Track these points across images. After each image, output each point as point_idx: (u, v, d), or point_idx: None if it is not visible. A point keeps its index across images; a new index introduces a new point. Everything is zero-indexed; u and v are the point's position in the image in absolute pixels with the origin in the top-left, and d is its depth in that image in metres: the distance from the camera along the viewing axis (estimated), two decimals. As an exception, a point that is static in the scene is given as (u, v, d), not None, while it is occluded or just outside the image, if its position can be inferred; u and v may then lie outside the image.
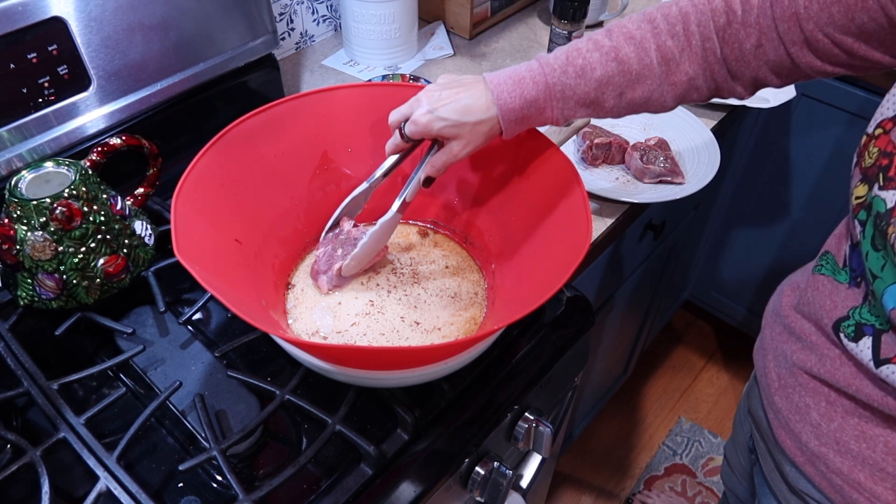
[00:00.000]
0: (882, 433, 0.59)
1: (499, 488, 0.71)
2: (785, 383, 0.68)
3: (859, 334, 0.56)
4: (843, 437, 0.62)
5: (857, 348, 0.56)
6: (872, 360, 0.55)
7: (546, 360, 0.74)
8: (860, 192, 0.55)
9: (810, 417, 0.65)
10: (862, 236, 0.55)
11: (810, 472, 0.66)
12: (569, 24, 1.04)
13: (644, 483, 1.61)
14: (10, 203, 0.66)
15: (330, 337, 0.68)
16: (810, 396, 0.64)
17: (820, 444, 0.64)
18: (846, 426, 0.61)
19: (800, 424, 0.66)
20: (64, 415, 0.62)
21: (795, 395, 0.66)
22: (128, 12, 0.77)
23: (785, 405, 0.68)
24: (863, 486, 0.61)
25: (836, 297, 0.60)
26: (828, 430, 0.63)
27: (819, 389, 0.63)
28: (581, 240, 0.60)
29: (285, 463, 0.60)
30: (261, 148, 0.70)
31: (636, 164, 0.94)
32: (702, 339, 1.91)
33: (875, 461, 0.60)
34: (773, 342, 0.71)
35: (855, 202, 0.55)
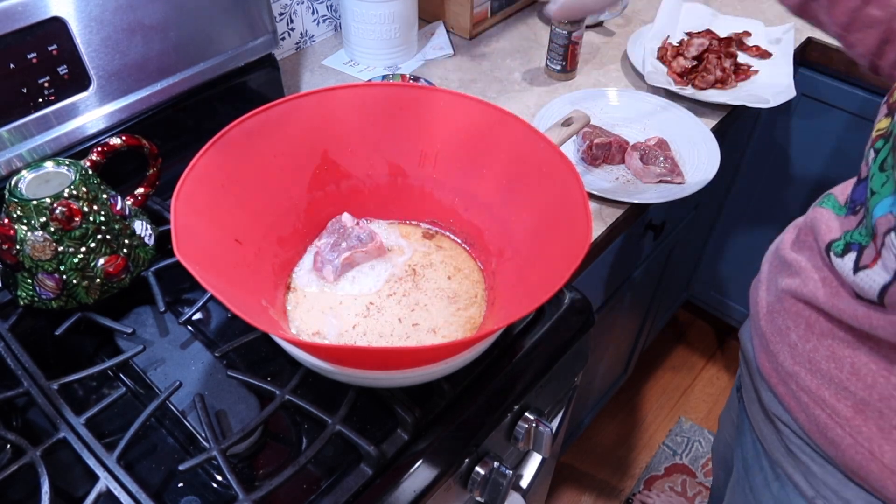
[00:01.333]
0: (850, 354, 0.62)
1: (499, 488, 0.71)
2: (772, 309, 0.72)
3: (846, 251, 0.60)
4: (816, 356, 0.65)
5: (841, 262, 0.60)
6: (853, 269, 0.58)
7: (546, 360, 0.74)
8: (883, 124, 0.59)
9: (789, 339, 0.69)
10: (873, 162, 0.58)
11: (782, 392, 0.71)
12: (569, 24, 1.04)
13: (644, 483, 1.61)
14: (10, 203, 0.66)
15: (330, 337, 0.68)
16: (791, 319, 0.68)
17: (794, 363, 0.68)
18: (820, 347, 0.65)
19: (779, 345, 0.70)
20: (64, 415, 0.62)
21: (779, 318, 0.70)
22: (128, 12, 0.77)
23: (769, 328, 0.72)
24: (826, 403, 0.65)
25: (832, 224, 0.64)
26: (803, 351, 0.67)
27: (801, 312, 0.67)
28: (581, 240, 0.60)
29: (285, 463, 0.60)
30: (261, 148, 0.70)
31: (636, 164, 0.94)
32: (702, 339, 1.91)
33: (840, 380, 0.63)
34: (768, 276, 0.75)
35: (875, 134, 0.59)
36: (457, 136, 0.74)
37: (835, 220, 0.64)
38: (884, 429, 0.60)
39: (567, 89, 1.11)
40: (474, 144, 0.74)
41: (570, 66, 1.10)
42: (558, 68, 1.11)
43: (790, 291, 0.68)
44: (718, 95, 1.08)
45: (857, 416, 0.62)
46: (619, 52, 1.20)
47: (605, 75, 1.15)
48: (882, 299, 0.55)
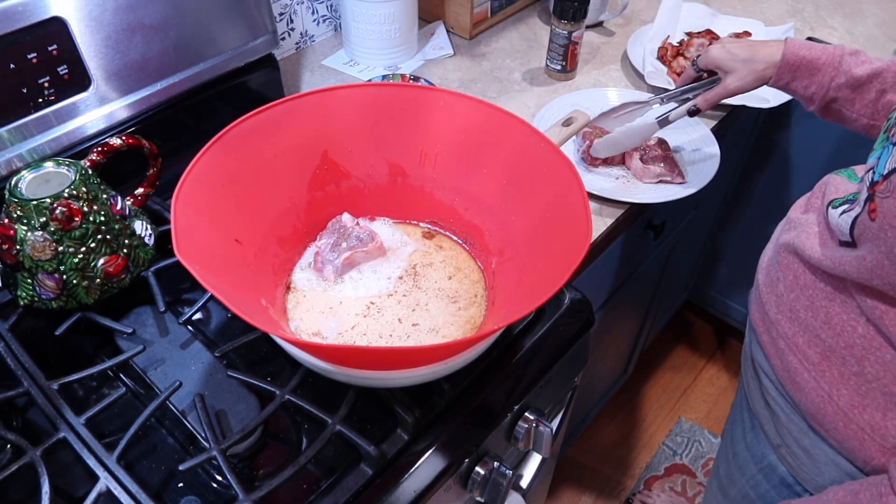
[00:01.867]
0: (825, 305, 0.66)
1: (499, 488, 0.71)
2: (770, 264, 0.77)
3: (843, 205, 0.64)
4: (797, 305, 0.70)
5: (834, 213, 0.65)
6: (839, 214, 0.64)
7: (546, 360, 0.74)
8: None
9: (777, 289, 0.73)
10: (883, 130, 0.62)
11: (765, 341, 0.75)
12: (569, 24, 1.04)
13: (644, 483, 1.61)
14: (10, 203, 0.66)
15: (330, 337, 0.68)
16: (782, 271, 0.73)
17: (777, 311, 0.73)
18: (801, 297, 0.70)
19: (768, 295, 0.75)
20: (64, 415, 0.62)
21: (773, 271, 0.75)
22: (128, 12, 0.77)
23: (763, 281, 0.77)
24: (798, 348, 0.69)
25: (841, 186, 0.70)
26: (787, 300, 0.71)
27: (791, 265, 0.72)
28: (581, 240, 0.60)
29: (285, 463, 0.60)
30: (261, 148, 0.70)
31: (636, 164, 0.94)
32: (702, 339, 1.91)
33: (814, 327, 0.68)
34: (776, 239, 0.80)
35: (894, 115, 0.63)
36: (457, 136, 0.74)
37: (844, 184, 0.69)
38: (844, 374, 0.65)
39: (567, 89, 1.11)
40: (474, 144, 0.74)
41: (570, 66, 1.10)
42: (558, 68, 1.11)
43: (787, 244, 0.73)
44: (718, 95, 1.08)
45: (823, 361, 0.67)
46: (619, 52, 1.20)
47: (605, 75, 1.15)
48: (852, 233, 0.60)
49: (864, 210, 0.58)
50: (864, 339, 0.63)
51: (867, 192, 0.58)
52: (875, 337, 0.62)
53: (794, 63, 0.75)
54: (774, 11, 1.29)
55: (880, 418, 0.63)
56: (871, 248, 0.58)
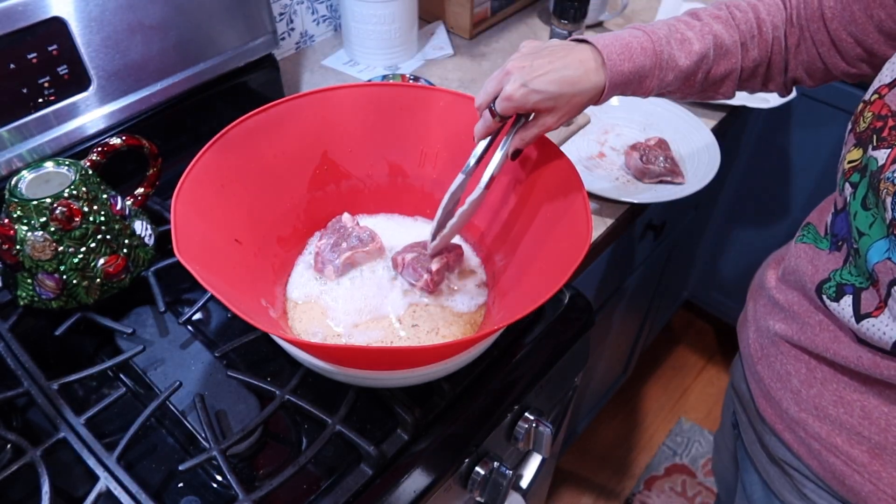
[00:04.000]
0: (859, 398, 0.60)
1: (499, 488, 0.71)
2: (767, 353, 0.70)
3: (840, 294, 0.58)
4: (822, 402, 0.63)
5: (838, 307, 0.58)
6: (853, 316, 0.56)
7: (546, 360, 0.74)
8: (854, 156, 0.57)
9: (791, 384, 0.66)
10: (852, 198, 0.56)
11: (789, 440, 0.68)
12: (569, 24, 1.04)
13: (644, 483, 1.61)
14: (11, 203, 0.66)
15: (330, 337, 0.68)
16: (791, 364, 0.66)
17: (799, 409, 0.65)
18: (825, 392, 0.62)
19: (781, 392, 0.68)
20: (64, 415, 0.62)
21: (777, 363, 0.68)
22: (128, 12, 0.77)
23: (767, 374, 0.69)
24: (839, 450, 0.62)
25: (817, 262, 0.62)
26: (807, 397, 0.64)
27: (800, 357, 0.65)
28: (581, 240, 0.60)
29: (285, 463, 0.60)
30: (261, 148, 0.70)
31: (636, 164, 0.94)
32: (702, 339, 1.91)
33: (852, 425, 0.61)
34: (755, 315, 0.73)
35: (847, 166, 0.57)
36: (457, 136, 0.74)
37: (818, 256, 0.62)
38: None
39: (567, 89, 1.10)
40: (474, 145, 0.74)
41: (570, 66, 1.10)
42: (558, 68, 1.10)
43: (786, 337, 0.66)
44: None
45: (874, 461, 0.60)
46: (619, 52, 1.20)
47: (605, 75, 1.15)
48: None
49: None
50: None
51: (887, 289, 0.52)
52: None
53: (621, 83, 0.62)
54: (774, 11, 1.29)
55: None
56: None
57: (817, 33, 0.64)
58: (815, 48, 0.64)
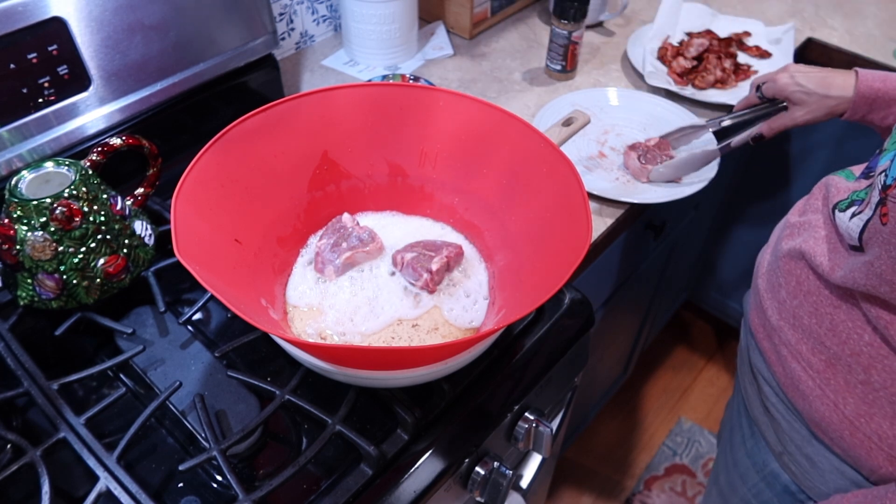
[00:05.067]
0: (831, 312, 0.65)
1: (499, 488, 0.71)
2: (770, 269, 0.76)
3: (849, 207, 0.63)
4: (800, 312, 0.69)
5: (842, 216, 0.63)
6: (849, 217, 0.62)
7: (546, 360, 0.74)
8: None
9: (779, 295, 0.72)
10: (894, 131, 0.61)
11: (766, 347, 0.74)
12: (569, 24, 1.04)
13: (644, 483, 1.61)
14: (11, 203, 0.66)
15: (329, 337, 0.68)
16: (784, 276, 0.72)
17: (780, 318, 0.71)
18: (805, 303, 0.68)
19: (769, 301, 0.74)
20: (64, 415, 0.62)
21: (773, 276, 0.74)
22: (128, 12, 0.77)
23: (764, 286, 0.76)
24: (802, 356, 0.68)
25: (842, 186, 0.68)
26: (790, 307, 0.70)
27: (793, 270, 0.70)
28: (581, 240, 0.60)
29: (285, 463, 0.60)
30: (261, 148, 0.70)
31: (634, 164, 0.94)
32: (702, 339, 1.91)
33: (819, 335, 0.67)
34: (775, 243, 0.78)
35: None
36: (457, 136, 0.74)
37: (846, 184, 0.68)
38: (850, 382, 0.64)
39: (567, 89, 1.11)
40: (474, 144, 0.74)
41: (570, 66, 1.10)
42: (558, 68, 1.10)
43: (792, 250, 0.71)
44: (718, 95, 1.08)
45: (827, 369, 0.66)
46: (619, 52, 1.20)
47: (605, 75, 1.15)
48: (861, 238, 0.59)
49: (876, 214, 0.56)
50: (871, 347, 0.62)
51: (879, 195, 0.56)
52: (882, 346, 0.61)
53: (870, 97, 0.73)
54: (774, 11, 1.29)
55: (888, 427, 0.62)
56: (880, 254, 0.56)
57: None
58: None
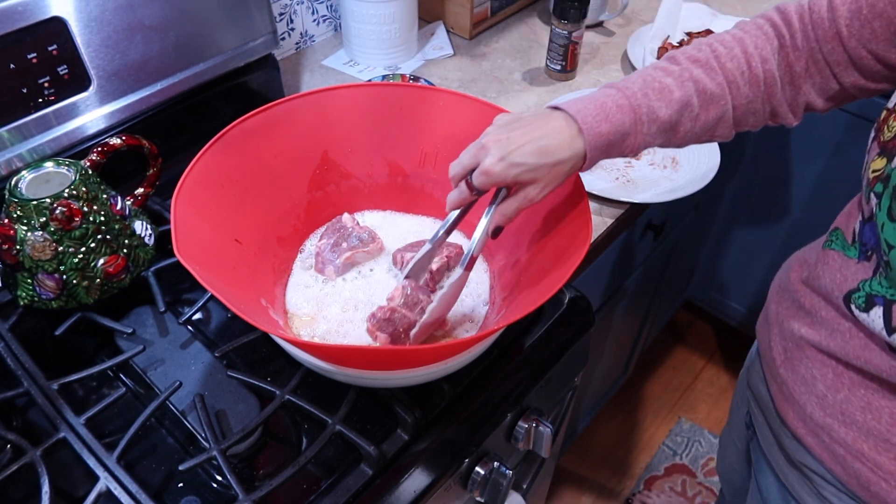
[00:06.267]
0: (888, 404, 0.59)
1: (499, 488, 0.71)
2: (791, 356, 0.68)
3: (870, 305, 0.56)
4: (849, 408, 0.62)
5: (868, 318, 0.56)
6: (884, 328, 0.55)
7: (546, 360, 0.74)
8: (878, 165, 0.55)
9: (816, 389, 0.65)
10: (878, 209, 0.54)
11: (811, 444, 0.67)
12: (569, 24, 1.04)
13: (644, 483, 1.61)
14: (10, 203, 0.66)
15: (329, 337, 0.68)
16: (817, 368, 0.65)
17: (825, 414, 0.64)
18: (852, 397, 0.61)
19: (805, 396, 0.66)
20: (64, 415, 0.62)
21: (802, 367, 0.67)
22: (128, 12, 0.77)
23: (790, 377, 0.68)
24: (866, 456, 0.62)
25: (846, 270, 0.60)
26: (833, 402, 0.63)
27: (826, 362, 0.63)
28: (581, 240, 0.60)
29: (285, 463, 0.60)
30: (261, 148, 0.70)
31: (386, 340, 0.84)
32: (702, 339, 1.91)
33: (880, 432, 0.60)
34: (778, 317, 0.72)
35: (871, 175, 0.56)
36: (457, 136, 0.74)
37: (847, 265, 0.60)
38: None
39: (567, 89, 1.11)
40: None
41: (570, 66, 1.10)
42: (558, 68, 1.10)
43: (812, 342, 0.65)
44: (718, 95, 1.08)
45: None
46: (619, 52, 1.20)
47: (605, 75, 1.15)
48: None
49: None
50: None
51: None
52: None
53: (602, 146, 0.59)
54: (774, 11, 1.29)
55: None
56: None
57: (832, 53, 0.60)
58: (829, 69, 0.61)
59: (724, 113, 0.62)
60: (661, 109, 0.60)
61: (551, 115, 0.59)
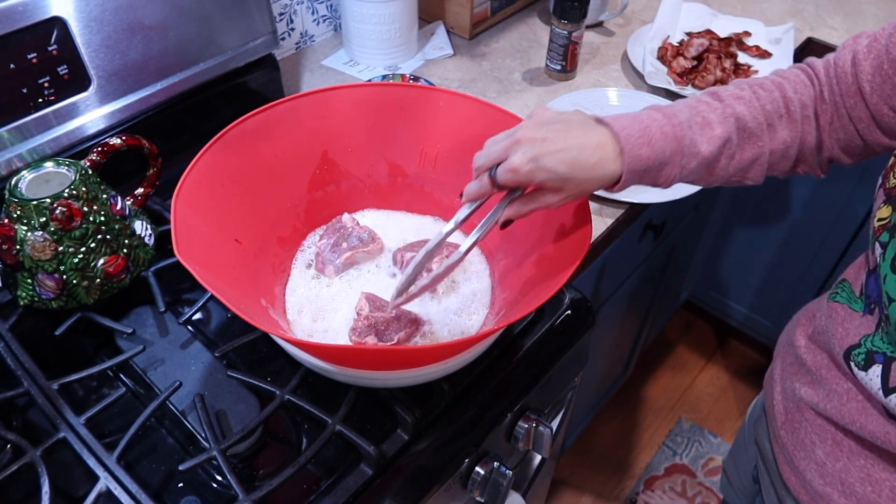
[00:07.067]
0: (888, 477, 0.57)
1: (499, 488, 0.71)
2: (791, 417, 0.67)
3: (869, 362, 0.54)
4: (849, 478, 0.60)
5: (866, 377, 0.55)
6: (881, 388, 0.53)
7: (546, 360, 0.74)
8: (883, 213, 0.54)
9: (815, 455, 0.63)
10: (882, 259, 0.53)
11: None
12: (569, 24, 1.04)
13: (644, 483, 1.61)
14: (11, 203, 0.66)
15: (329, 337, 0.68)
16: (816, 434, 0.63)
17: (824, 483, 0.63)
18: (851, 467, 0.60)
19: (804, 462, 0.65)
20: (64, 415, 0.62)
21: (801, 430, 0.65)
22: (128, 12, 0.77)
23: (790, 440, 0.67)
24: None
25: (849, 324, 0.58)
26: (833, 470, 0.62)
27: (825, 427, 0.62)
28: (581, 240, 0.60)
29: (285, 463, 0.60)
30: (261, 148, 0.70)
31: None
32: (702, 339, 1.91)
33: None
34: (783, 374, 0.70)
35: (877, 224, 0.54)
36: (457, 136, 0.74)
37: (851, 318, 0.59)
38: None
39: (567, 89, 1.11)
40: (474, 144, 0.73)
41: (570, 66, 1.10)
42: (558, 68, 1.10)
43: (811, 404, 0.63)
44: (718, 95, 1.08)
45: None
46: (619, 52, 1.20)
47: (605, 75, 1.15)
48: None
49: None
50: None
51: None
52: None
53: (639, 170, 0.57)
54: (774, 11, 1.29)
55: None
56: None
57: (854, 109, 0.58)
58: (852, 125, 0.59)
59: (760, 154, 0.60)
60: (702, 145, 0.57)
61: (594, 127, 0.56)
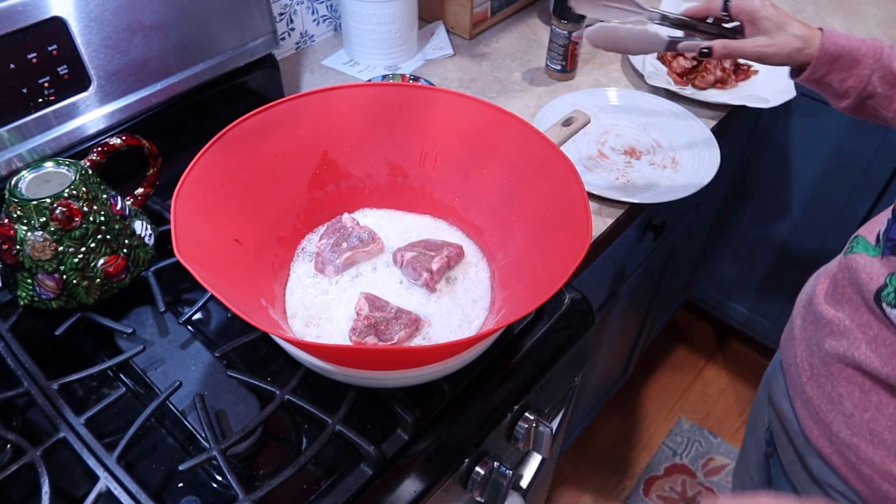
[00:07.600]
0: None
1: (499, 488, 0.71)
2: (817, 373, 0.68)
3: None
4: (877, 427, 0.61)
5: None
6: None
7: (546, 360, 0.74)
8: None
9: (843, 407, 0.64)
10: None
11: (836, 463, 0.66)
12: (569, 24, 1.04)
13: (644, 483, 1.61)
14: (10, 203, 0.66)
15: (329, 337, 0.68)
16: (843, 386, 0.64)
17: (851, 433, 0.64)
18: (880, 416, 0.61)
19: (831, 414, 0.66)
20: (64, 415, 0.62)
21: (828, 384, 0.66)
22: (128, 12, 0.77)
23: (816, 395, 0.68)
24: (893, 476, 0.61)
25: (871, 269, 0.61)
26: (860, 421, 0.62)
27: (853, 378, 0.63)
28: (581, 240, 0.60)
29: (285, 463, 0.60)
30: (261, 148, 0.70)
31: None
32: (702, 339, 1.91)
33: None
34: (804, 332, 0.71)
35: None
36: (457, 136, 0.74)
37: (871, 264, 0.61)
38: None
39: (567, 89, 1.11)
40: (474, 144, 0.74)
41: (570, 66, 1.10)
42: (558, 68, 1.10)
43: (838, 355, 0.64)
44: (718, 95, 1.08)
45: None
46: (619, 52, 1.20)
47: (605, 75, 1.15)
48: None
49: None
50: None
51: None
52: None
53: (834, 53, 0.66)
54: (774, 11, 1.29)
55: None
56: None
57: None
58: None
59: None
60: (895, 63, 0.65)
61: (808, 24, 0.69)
